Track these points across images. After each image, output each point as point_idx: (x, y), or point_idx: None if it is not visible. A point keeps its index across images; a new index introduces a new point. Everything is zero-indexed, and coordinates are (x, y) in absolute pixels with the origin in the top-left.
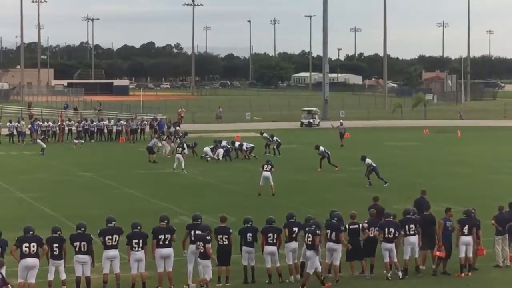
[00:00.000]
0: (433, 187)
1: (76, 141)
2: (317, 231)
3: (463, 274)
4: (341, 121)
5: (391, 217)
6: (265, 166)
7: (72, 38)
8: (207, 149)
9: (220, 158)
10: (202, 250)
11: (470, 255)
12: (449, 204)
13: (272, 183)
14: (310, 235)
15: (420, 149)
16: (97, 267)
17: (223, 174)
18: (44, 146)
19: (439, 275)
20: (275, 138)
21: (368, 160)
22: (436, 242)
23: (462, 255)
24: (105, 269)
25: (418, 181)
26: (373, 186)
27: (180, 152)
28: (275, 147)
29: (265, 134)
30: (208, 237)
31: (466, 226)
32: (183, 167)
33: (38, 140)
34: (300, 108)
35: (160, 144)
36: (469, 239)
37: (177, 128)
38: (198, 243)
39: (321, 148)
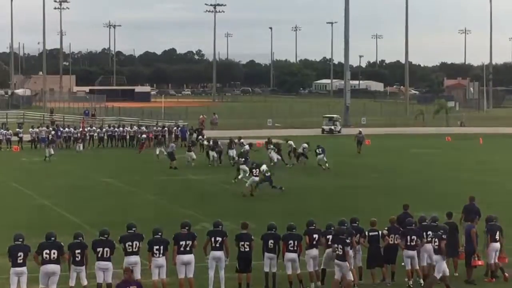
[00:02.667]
0: (453, 194)
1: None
2: (443, 236)
3: (493, 279)
4: (360, 129)
5: (413, 225)
6: (254, 171)
7: (94, 44)
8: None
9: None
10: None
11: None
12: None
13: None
14: (436, 239)
15: (442, 155)
16: (119, 273)
17: (243, 180)
18: (52, 152)
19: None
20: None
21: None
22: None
23: (492, 261)
24: None
25: (438, 187)
26: (394, 192)
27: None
28: (299, 154)
29: (290, 142)
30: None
31: (498, 232)
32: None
33: (47, 149)
34: (322, 115)
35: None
36: (498, 245)
37: (201, 134)
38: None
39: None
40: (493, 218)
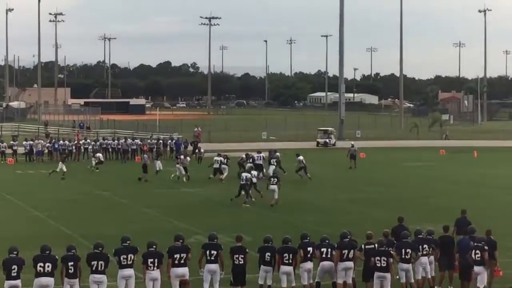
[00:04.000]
0: (447, 207)
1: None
2: (485, 247)
3: None
4: (352, 142)
5: (408, 237)
6: (272, 179)
7: (89, 57)
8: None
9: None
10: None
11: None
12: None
13: (276, 197)
14: (478, 251)
15: (436, 169)
16: (113, 286)
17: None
18: (65, 169)
19: None
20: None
21: (300, 157)
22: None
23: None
24: None
25: (433, 200)
26: (387, 205)
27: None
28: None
29: (300, 157)
30: None
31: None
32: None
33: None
34: (316, 127)
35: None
36: None
37: (197, 148)
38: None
39: (300, 157)
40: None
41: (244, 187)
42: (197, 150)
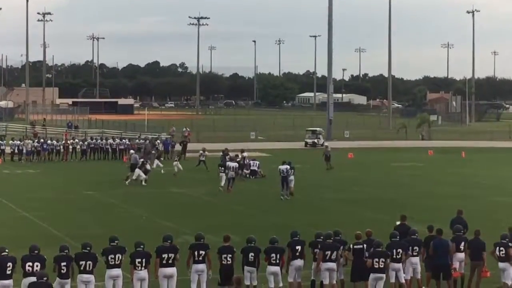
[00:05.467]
0: (434, 207)
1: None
2: (509, 244)
3: None
4: (326, 143)
5: (398, 237)
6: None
7: (77, 57)
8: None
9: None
10: None
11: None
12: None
13: (292, 185)
14: (503, 248)
15: (424, 169)
16: (100, 286)
17: (227, 194)
18: (161, 165)
19: None
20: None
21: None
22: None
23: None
24: None
25: (421, 201)
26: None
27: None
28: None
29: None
30: None
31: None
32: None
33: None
34: (305, 128)
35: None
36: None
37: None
38: None
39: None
40: (460, 229)
41: (284, 179)
42: (201, 156)
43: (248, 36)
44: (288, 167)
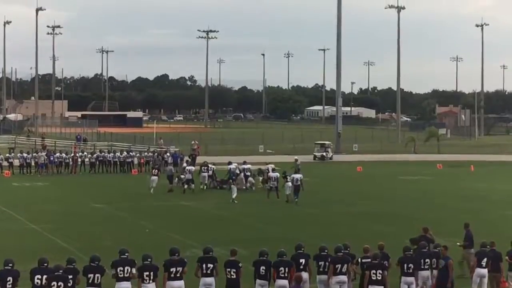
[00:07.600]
0: (443, 221)
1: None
2: None
3: None
4: (296, 157)
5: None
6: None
7: (87, 70)
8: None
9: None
10: None
11: None
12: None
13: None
14: None
15: (433, 183)
16: None
17: (236, 206)
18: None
19: None
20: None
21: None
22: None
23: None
24: None
25: (428, 215)
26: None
27: (155, 174)
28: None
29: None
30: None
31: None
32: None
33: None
34: (313, 141)
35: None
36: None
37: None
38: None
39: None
40: (486, 244)
41: (297, 188)
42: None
43: (256, 49)
44: (302, 176)
